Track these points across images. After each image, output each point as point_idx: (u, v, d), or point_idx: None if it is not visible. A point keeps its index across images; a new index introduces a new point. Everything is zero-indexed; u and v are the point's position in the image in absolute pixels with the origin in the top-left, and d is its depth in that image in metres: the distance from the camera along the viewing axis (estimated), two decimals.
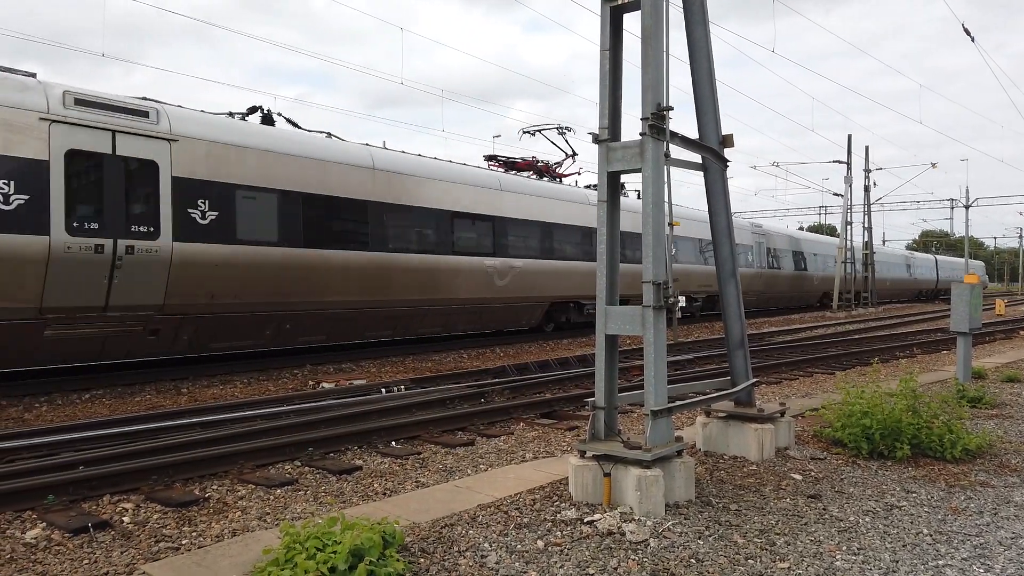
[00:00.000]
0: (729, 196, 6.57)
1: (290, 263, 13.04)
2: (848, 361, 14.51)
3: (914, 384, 7.06)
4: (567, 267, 19.53)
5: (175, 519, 5.22)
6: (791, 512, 5.09)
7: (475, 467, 6.65)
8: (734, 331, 6.58)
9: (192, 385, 11.73)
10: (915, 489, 5.74)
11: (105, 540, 4.79)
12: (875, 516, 5.07)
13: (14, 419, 9.10)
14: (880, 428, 6.60)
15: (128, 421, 8.18)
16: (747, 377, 6.60)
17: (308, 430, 7.71)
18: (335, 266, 13.77)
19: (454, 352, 16.75)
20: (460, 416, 8.51)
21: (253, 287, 12.55)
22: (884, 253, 49.89)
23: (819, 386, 11.42)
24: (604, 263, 5.46)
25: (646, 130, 5.17)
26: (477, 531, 4.61)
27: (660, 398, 5.14)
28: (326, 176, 13.71)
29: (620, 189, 5.69)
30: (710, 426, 6.71)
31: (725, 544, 4.47)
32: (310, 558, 3.67)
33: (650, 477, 4.86)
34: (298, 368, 13.64)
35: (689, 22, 6.35)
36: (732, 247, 6.50)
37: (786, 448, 6.80)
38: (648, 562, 4.16)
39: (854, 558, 4.30)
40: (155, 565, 4.19)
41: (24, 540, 4.76)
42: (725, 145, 6.45)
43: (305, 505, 5.58)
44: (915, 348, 16.97)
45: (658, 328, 5.12)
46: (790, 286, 35.58)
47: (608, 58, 5.49)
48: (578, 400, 9.64)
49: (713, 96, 6.39)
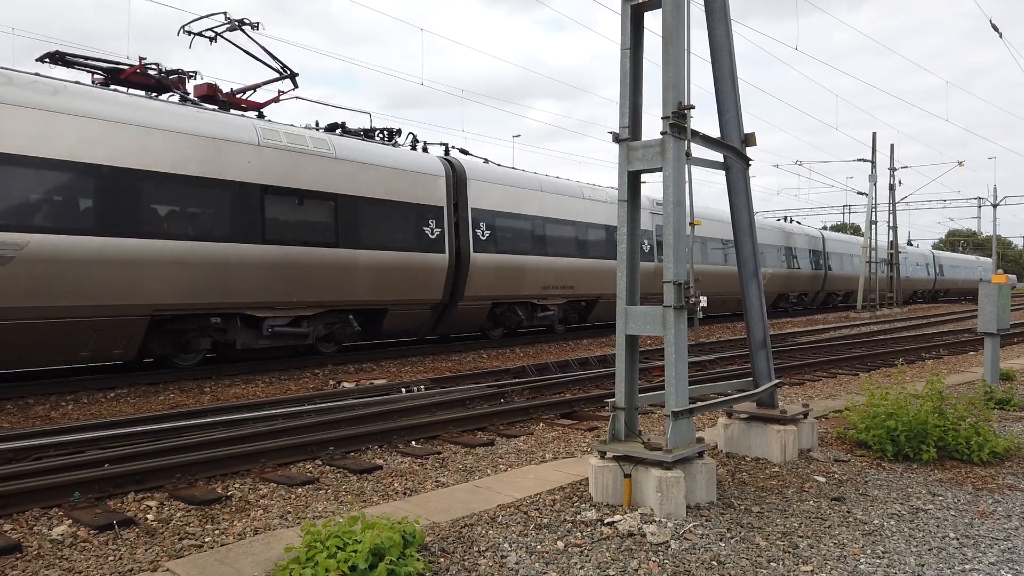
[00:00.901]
0: (751, 195, 6.51)
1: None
2: (872, 362, 14.34)
3: (940, 385, 6.95)
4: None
5: (198, 517, 5.28)
6: (814, 514, 5.04)
7: (495, 467, 6.65)
8: (756, 331, 6.52)
9: (215, 384, 11.84)
10: (941, 492, 5.65)
11: (130, 537, 4.85)
12: (900, 519, 5.00)
13: (41, 417, 9.25)
14: (905, 430, 6.51)
15: (152, 420, 8.28)
16: (769, 378, 6.54)
17: (329, 429, 7.76)
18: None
19: (474, 352, 16.77)
20: (480, 416, 8.52)
21: None
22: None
23: (843, 387, 11.29)
24: (624, 263, 5.43)
25: (667, 129, 5.14)
26: (497, 531, 4.61)
27: (681, 399, 5.10)
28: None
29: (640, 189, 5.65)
30: (732, 427, 6.66)
31: (747, 546, 4.43)
32: (331, 557, 3.69)
33: (671, 478, 4.83)
34: (319, 368, 13.73)
35: (711, 20, 6.31)
36: (754, 246, 6.44)
37: (809, 450, 6.73)
38: (669, 564, 4.14)
39: (879, 561, 4.24)
40: (179, 562, 4.23)
41: (51, 537, 4.83)
42: (747, 144, 6.39)
43: (326, 504, 5.61)
44: (941, 349, 16.73)
45: (679, 328, 5.09)
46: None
47: (628, 57, 5.46)
48: (598, 400, 9.61)
49: (735, 94, 6.34)
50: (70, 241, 10.38)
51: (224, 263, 12.11)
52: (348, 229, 13.96)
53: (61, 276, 10.27)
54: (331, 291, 13.71)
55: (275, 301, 12.89)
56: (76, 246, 10.43)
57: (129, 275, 10.94)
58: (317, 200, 13.53)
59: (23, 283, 9.92)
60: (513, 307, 18.30)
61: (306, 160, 13.40)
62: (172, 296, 11.46)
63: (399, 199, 15.03)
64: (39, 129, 10.23)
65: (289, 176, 13.13)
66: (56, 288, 10.22)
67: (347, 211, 13.99)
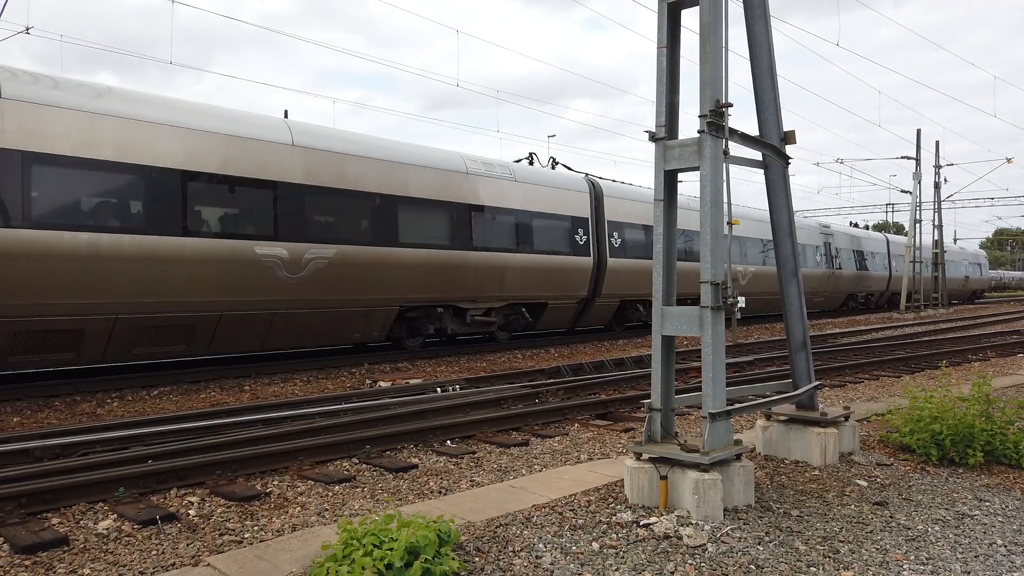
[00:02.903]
0: (791, 194, 6.41)
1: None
2: (916, 364, 14.00)
3: (988, 388, 6.77)
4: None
5: (238, 513, 5.36)
6: (856, 519, 4.94)
7: (529, 467, 6.65)
8: (796, 332, 6.41)
9: (254, 383, 12.03)
10: (988, 498, 5.50)
11: (172, 532, 4.95)
12: (945, 525, 4.88)
13: (88, 414, 9.49)
14: (951, 434, 6.35)
15: (193, 417, 8.44)
16: (809, 380, 6.43)
17: (365, 428, 7.83)
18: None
19: (508, 352, 16.78)
20: (515, 416, 8.52)
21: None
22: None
23: (885, 390, 11.05)
24: (661, 263, 5.38)
25: (704, 127, 5.08)
26: (532, 531, 4.60)
27: (718, 400, 5.04)
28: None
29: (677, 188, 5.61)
30: (770, 430, 6.56)
31: (786, 551, 4.36)
32: (367, 555, 3.72)
33: (708, 480, 4.78)
34: (356, 367, 13.87)
35: (749, 17, 6.23)
36: (794, 246, 6.34)
37: (850, 453, 6.60)
38: (706, 567, 4.09)
39: (923, 568, 4.15)
40: (219, 557, 4.30)
41: (96, 531, 4.95)
42: (787, 142, 6.29)
43: (362, 502, 5.66)
44: (988, 351, 16.28)
45: (716, 329, 5.03)
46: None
47: (665, 55, 5.42)
48: (634, 401, 9.54)
49: (774, 92, 6.25)
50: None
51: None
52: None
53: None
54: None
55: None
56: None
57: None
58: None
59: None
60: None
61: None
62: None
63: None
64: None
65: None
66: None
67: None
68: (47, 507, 5.32)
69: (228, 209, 12.14)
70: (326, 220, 13.31)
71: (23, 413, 9.38)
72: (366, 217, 13.94)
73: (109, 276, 10.65)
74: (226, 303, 12.01)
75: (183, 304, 11.48)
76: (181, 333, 11.76)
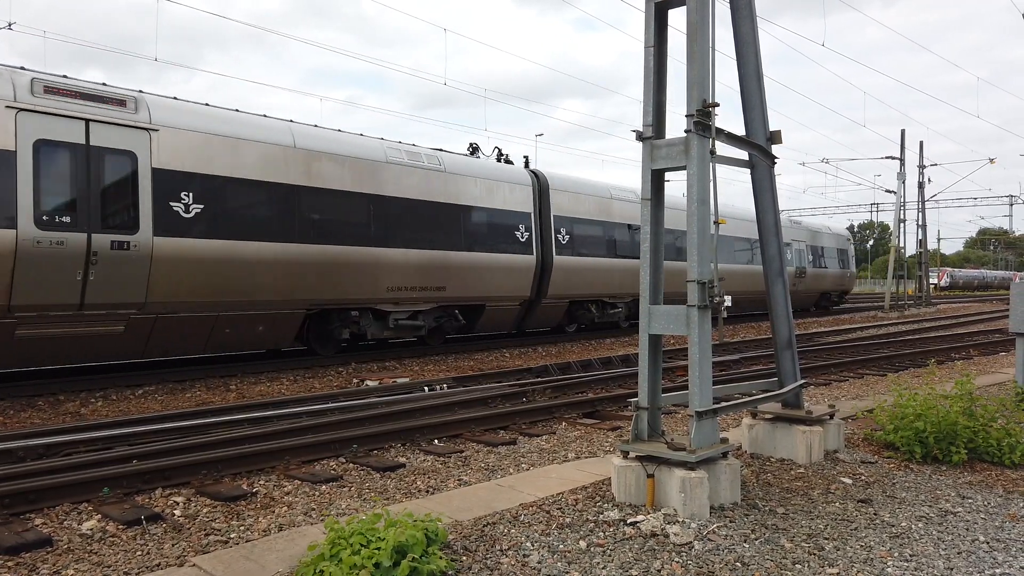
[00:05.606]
0: (777, 194, 6.45)
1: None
2: (900, 363, 14.13)
3: (971, 386, 6.84)
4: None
5: (224, 513, 5.34)
6: (841, 516, 4.98)
7: (517, 466, 6.65)
8: (781, 331, 6.45)
9: (240, 382, 11.97)
10: (971, 495, 5.56)
11: (157, 532, 4.92)
12: (929, 522, 4.93)
13: (71, 414, 9.41)
14: (934, 431, 6.41)
15: (179, 417, 8.39)
16: (795, 378, 6.47)
17: (353, 427, 7.81)
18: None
19: (496, 351, 16.78)
20: (502, 415, 8.52)
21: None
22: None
23: (870, 388, 11.14)
24: (648, 262, 5.40)
25: (691, 127, 5.10)
26: (519, 530, 4.61)
27: (705, 399, 5.07)
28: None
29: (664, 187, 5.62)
30: (756, 428, 6.60)
31: (772, 548, 4.38)
32: (355, 554, 3.71)
33: (694, 479, 4.80)
34: (343, 366, 13.83)
35: (736, 17, 6.26)
36: (780, 245, 6.38)
37: (835, 451, 6.65)
38: (692, 565, 4.11)
39: (906, 564, 4.18)
40: (205, 558, 4.28)
41: (81, 531, 4.92)
42: (773, 142, 6.33)
43: (350, 501, 5.64)
44: (971, 349, 16.45)
45: (703, 328, 5.05)
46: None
47: (652, 55, 5.43)
48: (621, 400, 9.57)
49: (760, 92, 6.28)
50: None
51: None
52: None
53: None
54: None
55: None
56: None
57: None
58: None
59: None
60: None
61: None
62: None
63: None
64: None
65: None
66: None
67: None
68: (30, 507, 5.28)
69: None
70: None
71: (6, 413, 9.28)
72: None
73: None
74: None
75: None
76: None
